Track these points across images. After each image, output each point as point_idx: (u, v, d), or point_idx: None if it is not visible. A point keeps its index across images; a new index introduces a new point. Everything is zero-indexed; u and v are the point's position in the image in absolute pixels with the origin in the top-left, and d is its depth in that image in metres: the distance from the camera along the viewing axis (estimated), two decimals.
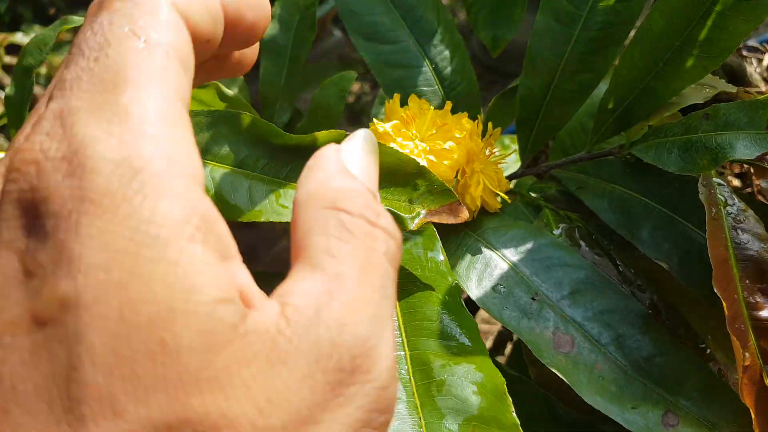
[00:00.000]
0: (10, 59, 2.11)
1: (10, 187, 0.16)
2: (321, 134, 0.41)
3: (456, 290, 0.39)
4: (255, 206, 0.40)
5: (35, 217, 0.15)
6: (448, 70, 0.54)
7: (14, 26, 2.26)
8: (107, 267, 0.14)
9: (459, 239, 0.47)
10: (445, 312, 0.38)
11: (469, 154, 0.46)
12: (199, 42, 0.19)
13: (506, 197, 0.48)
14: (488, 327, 1.45)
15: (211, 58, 0.21)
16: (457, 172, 0.46)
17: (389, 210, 0.38)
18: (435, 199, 0.39)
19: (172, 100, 0.17)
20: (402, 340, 0.36)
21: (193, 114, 0.44)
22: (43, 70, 2.48)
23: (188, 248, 0.15)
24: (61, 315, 0.14)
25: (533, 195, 0.53)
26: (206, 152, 0.43)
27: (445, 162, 0.45)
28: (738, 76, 0.76)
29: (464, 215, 0.38)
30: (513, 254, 0.46)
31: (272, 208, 0.39)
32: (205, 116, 0.44)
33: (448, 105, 0.48)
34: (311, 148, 0.42)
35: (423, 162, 0.44)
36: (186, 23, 0.18)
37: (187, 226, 0.15)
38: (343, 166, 0.20)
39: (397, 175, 0.40)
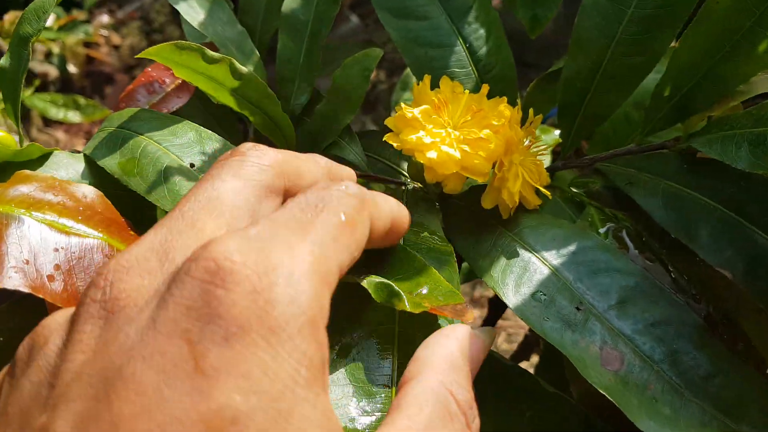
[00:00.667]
0: None
1: (199, 274, 0.18)
2: None
3: None
4: None
5: (216, 316, 0.17)
6: (483, 50, 0.49)
7: (2, 10, 2.21)
8: (275, 396, 0.17)
9: (493, 238, 0.43)
10: None
11: (507, 144, 0.41)
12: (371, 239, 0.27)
13: (547, 193, 0.43)
14: (508, 324, 1.40)
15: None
16: (494, 164, 0.41)
17: (388, 284, 0.33)
18: (439, 300, 0.34)
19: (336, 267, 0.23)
20: None
21: (209, 137, 0.41)
22: (56, 49, 2.44)
23: (322, 396, 0.19)
24: (227, 427, 0.16)
25: (575, 190, 0.48)
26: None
27: (481, 153, 0.40)
28: None
29: (469, 317, 0.33)
30: (554, 257, 0.41)
31: None
32: (218, 142, 0.40)
33: (485, 88, 0.43)
34: None
35: (456, 153, 0.39)
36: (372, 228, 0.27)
37: (322, 373, 0.19)
38: (467, 359, 0.28)
39: (401, 269, 0.35)
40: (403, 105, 0.43)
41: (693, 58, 0.42)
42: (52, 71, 2.24)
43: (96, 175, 0.41)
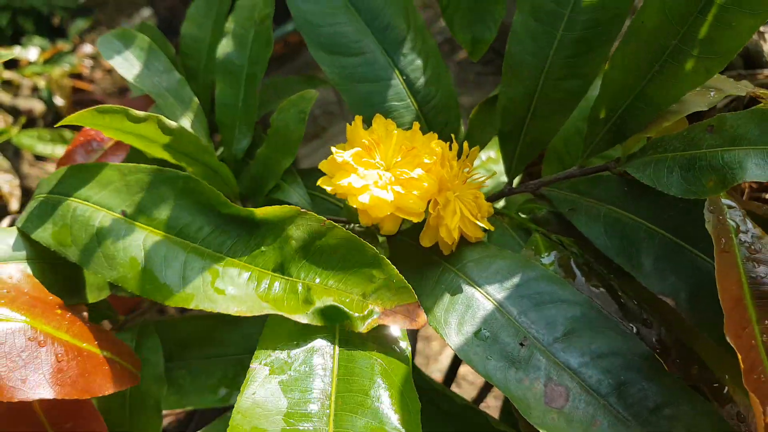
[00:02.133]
0: (9, 74, 2.06)
1: None
2: (271, 209, 0.36)
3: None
4: (186, 286, 0.35)
5: None
6: (421, 80, 0.48)
7: (16, 39, 2.23)
8: None
9: (437, 275, 0.42)
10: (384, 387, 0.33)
11: (441, 181, 0.40)
12: None
13: (488, 225, 0.42)
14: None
15: None
16: (428, 203, 0.40)
17: (334, 306, 0.33)
18: (392, 296, 0.34)
19: None
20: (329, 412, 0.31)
21: (131, 171, 0.39)
22: (41, 83, 2.44)
23: None
24: None
25: (522, 216, 0.47)
26: (142, 214, 0.38)
27: (415, 193, 0.39)
28: (753, 58, 0.69)
29: (422, 320, 0.32)
30: (498, 291, 0.40)
31: (205, 293, 0.34)
32: (146, 174, 0.39)
33: (416, 126, 0.42)
34: (262, 223, 0.37)
35: (389, 196, 0.39)
36: None
37: None
38: None
39: (351, 262, 0.35)
40: (333, 149, 0.42)
41: (624, 78, 0.42)
42: (38, 106, 2.25)
43: (33, 246, 0.40)
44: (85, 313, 0.39)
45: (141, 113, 0.40)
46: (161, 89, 0.49)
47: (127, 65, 0.49)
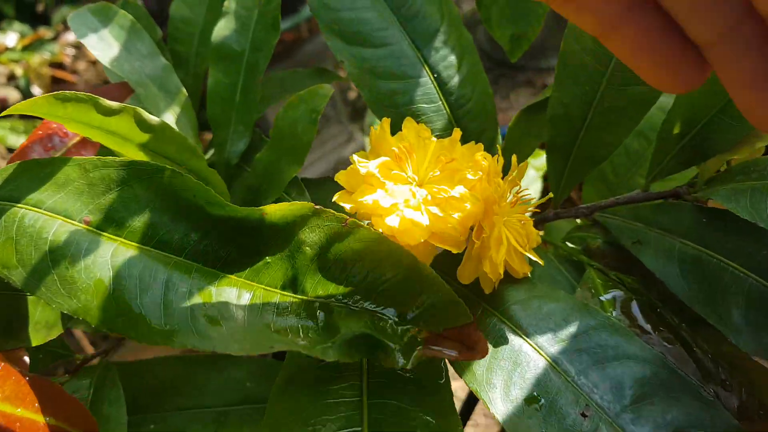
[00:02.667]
0: None
1: None
2: (277, 207, 0.28)
3: None
4: (169, 317, 0.27)
5: None
6: (455, 80, 0.40)
7: None
8: None
9: (476, 317, 0.34)
10: None
11: (487, 202, 0.32)
12: None
13: (539, 259, 0.34)
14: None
15: None
16: (471, 229, 0.32)
17: (365, 335, 0.25)
18: (439, 316, 0.26)
19: None
20: None
21: (96, 166, 0.31)
22: (18, 71, 2.33)
23: None
24: None
25: (571, 246, 0.39)
26: (110, 221, 0.30)
27: (455, 215, 0.31)
28: None
29: (483, 347, 0.25)
30: (551, 343, 0.32)
31: (195, 325, 0.26)
32: (115, 169, 0.30)
33: (457, 133, 0.34)
34: (266, 226, 0.29)
35: (424, 219, 0.31)
36: None
37: None
38: None
39: (382, 273, 0.27)
40: (356, 157, 0.34)
41: (708, 87, 0.34)
42: (14, 95, 2.13)
43: None
44: (27, 359, 0.30)
45: (113, 104, 0.32)
46: (142, 76, 0.41)
47: (103, 45, 0.41)
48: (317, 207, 0.30)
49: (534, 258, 0.35)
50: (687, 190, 0.36)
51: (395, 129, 0.39)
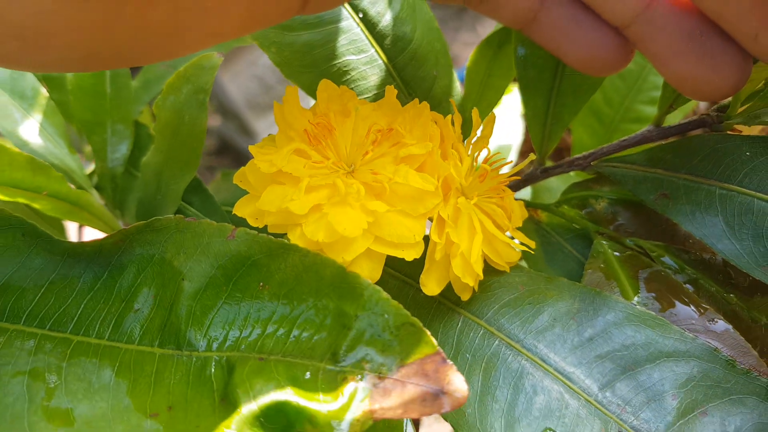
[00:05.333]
0: None
1: None
2: (130, 231, 0.20)
3: None
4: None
5: None
6: (388, 17, 0.31)
7: None
8: None
9: (453, 335, 0.26)
10: None
11: (445, 182, 0.23)
12: None
13: (527, 240, 0.26)
14: None
15: None
16: (429, 221, 0.24)
17: (279, 403, 0.17)
18: (389, 349, 0.18)
19: None
20: None
21: None
22: None
23: None
24: None
25: (568, 211, 0.31)
26: None
27: (406, 207, 0.22)
28: None
29: (460, 390, 0.16)
30: (561, 352, 0.25)
31: (33, 427, 0.18)
32: None
33: (390, 92, 0.25)
34: (122, 260, 0.20)
35: (360, 219, 0.22)
36: None
37: None
38: None
39: (297, 293, 0.19)
40: (264, 143, 0.25)
41: None
42: None
43: None
44: None
45: None
46: None
47: None
48: (187, 219, 0.21)
49: (521, 242, 0.26)
50: (718, 117, 0.27)
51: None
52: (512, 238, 0.26)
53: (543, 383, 0.24)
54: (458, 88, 0.33)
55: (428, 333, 0.18)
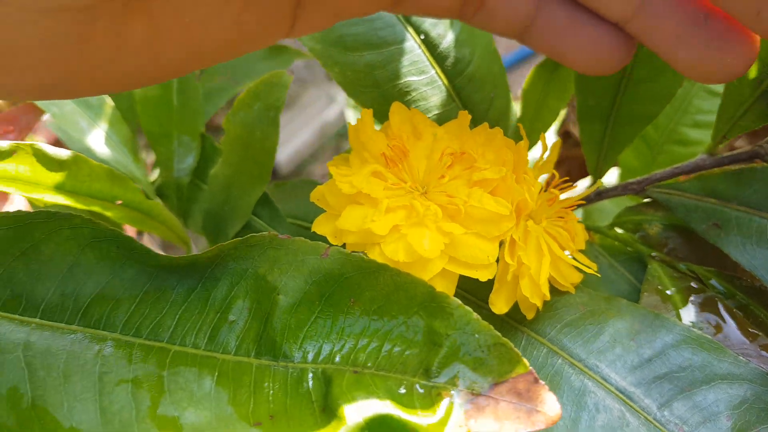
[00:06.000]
0: None
1: None
2: (227, 246, 0.21)
3: None
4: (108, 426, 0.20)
5: None
6: (449, 39, 0.32)
7: None
8: None
9: (518, 349, 0.26)
10: None
11: (519, 205, 0.24)
12: None
13: (589, 263, 0.27)
14: None
15: None
16: (500, 243, 0.25)
17: (381, 417, 0.18)
18: (481, 367, 0.19)
19: None
20: None
21: None
22: None
23: None
24: None
25: (620, 233, 0.32)
26: (17, 299, 0.22)
27: (481, 230, 0.24)
28: None
29: (553, 409, 0.18)
30: (621, 372, 0.26)
31: None
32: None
33: (464, 117, 0.26)
34: (215, 273, 0.22)
35: (437, 241, 0.23)
36: None
37: None
38: None
39: (387, 311, 0.20)
40: (338, 162, 0.27)
41: None
42: None
43: None
44: None
45: (2, 144, 0.24)
46: None
47: None
48: (281, 236, 0.22)
49: (584, 264, 0.27)
50: None
51: (381, 117, 0.31)
52: (574, 259, 0.27)
53: (605, 402, 0.25)
54: (515, 109, 0.34)
55: (519, 353, 0.20)
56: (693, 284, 0.28)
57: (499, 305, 0.26)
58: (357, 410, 0.19)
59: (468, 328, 0.20)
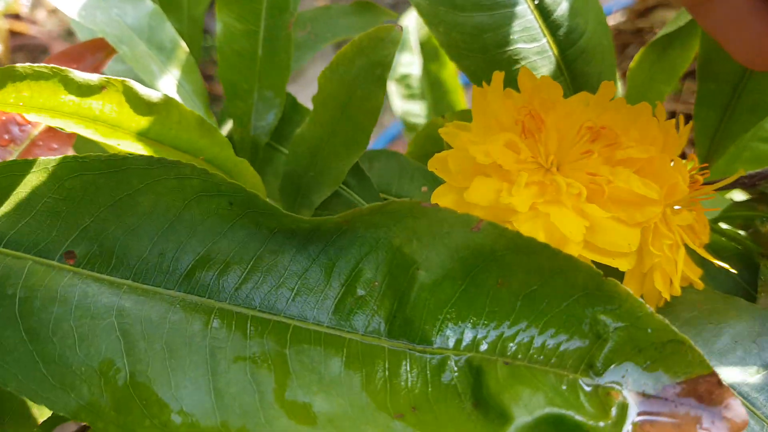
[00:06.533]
0: None
1: None
2: (364, 211, 0.18)
3: None
4: (226, 412, 0.17)
5: None
6: (564, 7, 0.30)
7: None
8: None
9: None
10: None
11: (669, 192, 0.22)
12: None
13: (713, 259, 0.25)
14: None
15: None
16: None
17: (551, 416, 0.16)
18: (654, 368, 0.17)
19: None
20: None
21: (74, 170, 0.21)
22: None
23: None
24: None
25: (727, 228, 0.30)
26: (106, 257, 0.20)
27: (623, 216, 0.21)
28: None
29: (740, 422, 0.16)
30: (743, 377, 0.24)
31: (271, 424, 0.17)
32: (103, 171, 0.20)
33: (607, 87, 0.24)
34: (344, 240, 0.19)
35: (579, 220, 0.21)
36: None
37: None
38: None
39: (540, 294, 0.18)
40: (454, 129, 0.24)
41: None
42: None
43: None
44: None
45: (92, 78, 0.22)
46: (123, 28, 0.29)
47: None
48: (424, 204, 0.20)
49: (718, 263, 0.25)
50: None
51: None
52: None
53: None
54: (620, 89, 0.32)
55: (700, 352, 0.17)
56: None
57: None
58: (525, 408, 0.17)
59: (639, 321, 0.18)
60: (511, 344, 0.18)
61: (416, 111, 0.62)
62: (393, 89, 0.65)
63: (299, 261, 0.20)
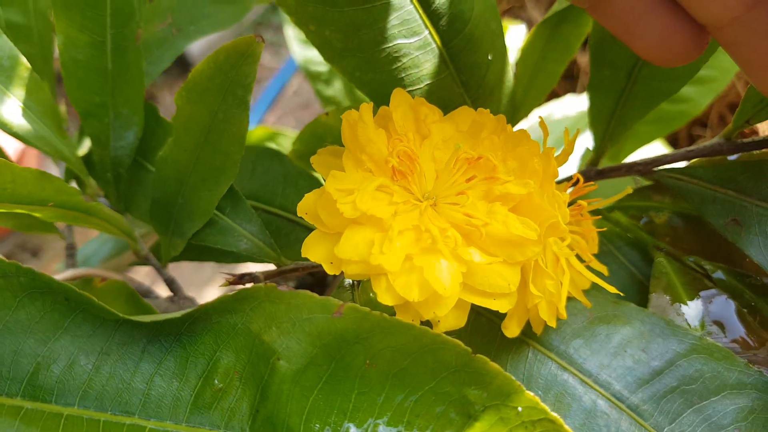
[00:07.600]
0: None
1: None
2: (213, 304, 0.17)
3: None
4: None
5: None
6: None
7: None
8: None
9: (523, 368, 0.25)
10: None
11: (548, 230, 0.21)
12: None
13: (601, 267, 0.25)
14: None
15: None
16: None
17: None
18: None
19: None
20: None
21: None
22: None
23: None
24: None
25: (624, 219, 0.30)
26: None
27: (503, 257, 0.21)
28: None
29: None
30: (631, 388, 0.25)
31: None
32: None
33: (484, 116, 0.22)
34: (194, 329, 0.18)
35: (454, 272, 0.20)
36: None
37: None
38: None
39: (416, 373, 0.17)
40: (328, 156, 0.22)
41: None
42: None
43: None
44: None
45: None
46: None
47: None
48: (280, 287, 0.18)
49: (602, 272, 0.25)
50: None
51: (364, 87, 0.26)
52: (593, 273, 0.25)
53: (617, 422, 0.24)
54: (510, 73, 0.30)
55: (570, 431, 0.17)
56: (701, 280, 0.27)
57: (512, 329, 0.23)
58: None
59: (509, 399, 0.18)
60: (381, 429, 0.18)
61: (318, 59, 0.58)
62: (291, 34, 0.60)
63: (151, 352, 0.18)
